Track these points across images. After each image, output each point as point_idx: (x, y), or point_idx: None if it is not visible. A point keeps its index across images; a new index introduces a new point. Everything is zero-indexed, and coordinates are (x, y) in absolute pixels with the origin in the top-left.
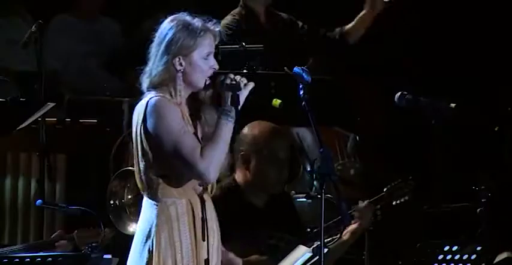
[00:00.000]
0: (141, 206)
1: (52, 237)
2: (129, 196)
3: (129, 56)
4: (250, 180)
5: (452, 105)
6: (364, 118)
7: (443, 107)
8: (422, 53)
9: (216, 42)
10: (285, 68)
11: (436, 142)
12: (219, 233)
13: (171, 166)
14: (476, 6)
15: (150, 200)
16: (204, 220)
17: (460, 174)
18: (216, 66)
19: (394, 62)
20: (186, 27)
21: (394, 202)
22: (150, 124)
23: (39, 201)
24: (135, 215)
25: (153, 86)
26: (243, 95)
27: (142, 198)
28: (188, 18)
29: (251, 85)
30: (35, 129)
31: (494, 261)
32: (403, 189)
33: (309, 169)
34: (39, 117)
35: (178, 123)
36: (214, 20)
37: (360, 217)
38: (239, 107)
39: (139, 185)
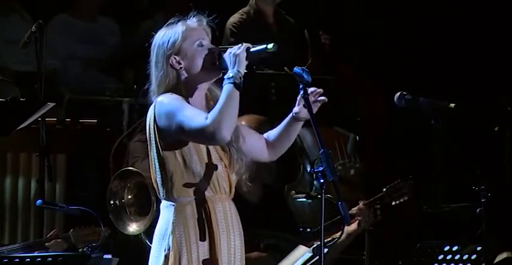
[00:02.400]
0: (141, 206)
1: (47, 236)
2: (129, 196)
3: (128, 56)
4: None
5: (452, 105)
6: (364, 118)
7: (443, 107)
8: (422, 53)
9: (207, 31)
10: (285, 68)
11: (435, 142)
12: (241, 232)
13: (184, 158)
14: (476, 6)
15: (167, 201)
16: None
17: (460, 174)
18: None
19: (394, 61)
20: (167, 29)
21: (393, 203)
22: (160, 118)
23: (39, 201)
24: (135, 215)
25: (162, 93)
26: (240, 56)
27: (142, 198)
28: (170, 23)
29: (245, 44)
30: (35, 129)
31: (494, 261)
32: (402, 189)
33: (309, 169)
34: (39, 117)
35: (181, 103)
36: (195, 13)
37: (359, 218)
38: (239, 68)
39: (156, 189)
